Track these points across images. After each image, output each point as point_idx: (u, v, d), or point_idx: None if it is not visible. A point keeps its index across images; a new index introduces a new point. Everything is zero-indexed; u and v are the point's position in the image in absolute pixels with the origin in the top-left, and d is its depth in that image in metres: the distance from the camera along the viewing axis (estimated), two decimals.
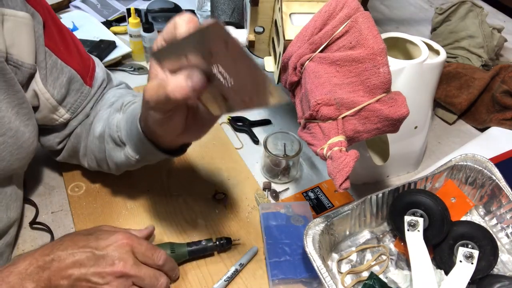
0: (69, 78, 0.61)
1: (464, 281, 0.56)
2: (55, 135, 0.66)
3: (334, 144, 0.53)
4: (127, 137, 0.58)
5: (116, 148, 0.60)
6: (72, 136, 0.67)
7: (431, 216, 0.61)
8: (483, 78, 0.89)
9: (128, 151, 0.58)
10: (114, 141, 0.60)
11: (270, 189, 0.75)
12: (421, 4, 1.33)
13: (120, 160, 0.61)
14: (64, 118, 0.64)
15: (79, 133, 0.66)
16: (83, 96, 0.64)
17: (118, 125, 0.59)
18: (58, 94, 0.61)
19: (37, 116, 0.61)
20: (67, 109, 0.63)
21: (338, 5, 0.56)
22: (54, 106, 0.61)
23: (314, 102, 0.54)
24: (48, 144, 0.67)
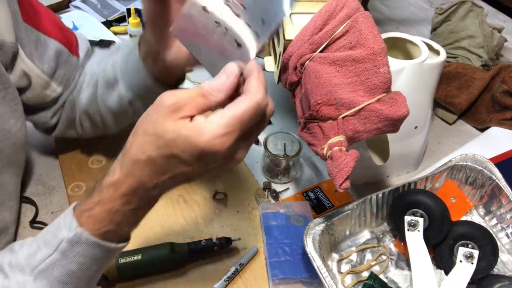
0: (56, 51, 0.61)
1: (464, 281, 0.56)
2: (47, 111, 0.65)
3: (334, 144, 0.53)
4: (122, 72, 0.57)
5: (108, 91, 0.60)
6: (66, 106, 0.66)
7: (431, 216, 0.61)
8: (483, 78, 0.89)
9: (121, 90, 0.58)
10: (106, 83, 0.59)
11: (270, 189, 0.75)
12: (421, 4, 1.33)
13: (113, 103, 0.60)
14: (57, 93, 0.63)
15: (71, 101, 0.65)
16: (72, 67, 0.64)
17: (114, 63, 0.59)
18: (48, 68, 0.60)
19: (28, 95, 0.61)
20: (58, 82, 0.62)
21: (338, 5, 0.56)
22: (46, 81, 0.60)
23: (314, 102, 0.54)
24: (41, 121, 0.66)
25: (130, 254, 0.60)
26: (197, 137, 0.35)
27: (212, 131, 0.35)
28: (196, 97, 0.37)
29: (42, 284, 0.40)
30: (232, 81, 0.37)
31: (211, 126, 0.35)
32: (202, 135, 0.35)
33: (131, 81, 0.57)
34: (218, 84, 0.37)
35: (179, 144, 0.36)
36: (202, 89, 0.37)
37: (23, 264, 0.40)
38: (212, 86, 0.37)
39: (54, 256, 0.40)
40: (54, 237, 0.40)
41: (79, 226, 0.39)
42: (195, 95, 0.37)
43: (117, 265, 0.59)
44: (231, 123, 0.35)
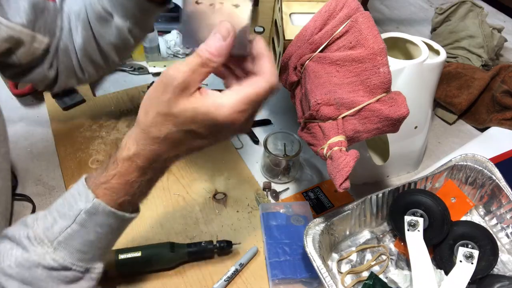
0: (30, 2, 0.59)
1: (464, 281, 0.56)
2: (42, 64, 0.64)
3: (334, 144, 0.53)
4: (113, 3, 0.57)
5: (104, 26, 0.59)
6: (61, 54, 0.65)
7: (431, 216, 0.61)
8: (483, 78, 0.89)
9: (117, 21, 0.57)
10: (100, 18, 0.59)
11: (270, 189, 0.75)
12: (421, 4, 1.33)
13: (112, 37, 0.60)
14: (45, 44, 0.62)
15: (64, 47, 0.64)
16: (51, 13, 0.62)
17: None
18: (27, 21, 0.58)
19: (19, 55, 0.60)
20: (42, 32, 0.61)
21: (338, 5, 0.56)
22: (30, 35, 0.59)
23: (314, 102, 0.54)
24: (40, 77, 0.65)
25: (130, 250, 0.60)
26: (216, 111, 0.37)
27: (231, 107, 0.38)
28: (198, 69, 0.38)
29: (62, 254, 0.41)
30: (229, 43, 0.38)
31: (230, 101, 0.38)
32: (221, 109, 0.37)
33: (125, 10, 0.56)
34: (216, 49, 0.38)
35: (198, 120, 0.38)
36: (202, 57, 0.38)
37: (42, 237, 0.41)
38: (211, 51, 0.38)
39: (73, 227, 0.41)
40: (71, 209, 0.41)
41: (96, 198, 0.41)
42: (197, 66, 0.38)
43: (117, 260, 0.59)
44: (248, 101, 0.38)
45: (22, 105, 0.89)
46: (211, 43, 0.38)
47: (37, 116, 0.86)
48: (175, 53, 1.02)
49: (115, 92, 0.92)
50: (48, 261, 0.41)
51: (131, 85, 0.95)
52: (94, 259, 0.44)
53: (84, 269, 0.43)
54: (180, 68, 0.37)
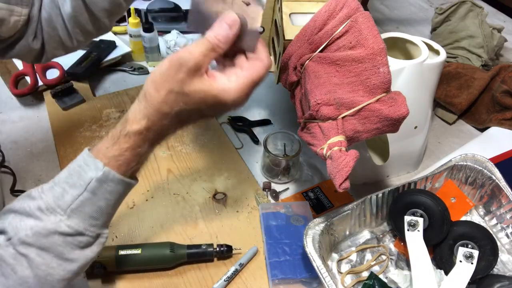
0: None
1: (464, 281, 0.56)
2: (25, 36, 0.63)
3: (334, 144, 0.53)
4: None
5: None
6: (44, 25, 0.64)
7: (431, 216, 0.61)
8: (483, 78, 0.89)
9: None
10: None
11: (270, 189, 0.75)
12: (421, 4, 1.33)
13: (106, 2, 0.60)
14: (24, 15, 0.61)
15: (47, 17, 0.64)
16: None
17: None
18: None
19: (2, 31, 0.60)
20: (20, 4, 0.60)
21: (338, 5, 0.56)
22: (8, 8, 0.59)
23: (314, 102, 0.54)
24: (26, 49, 0.64)
25: (130, 247, 0.61)
26: (225, 94, 0.43)
27: (237, 90, 0.44)
28: (208, 53, 0.42)
29: (75, 221, 0.43)
30: (235, 32, 0.44)
31: (236, 85, 0.44)
32: (229, 92, 0.43)
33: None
34: (224, 36, 0.43)
35: (208, 101, 0.43)
36: (211, 42, 0.43)
37: (53, 206, 0.43)
38: (219, 38, 0.43)
39: (84, 195, 0.43)
40: (80, 178, 0.44)
41: (106, 166, 0.44)
42: (207, 50, 0.42)
43: (117, 256, 0.59)
44: (250, 84, 0.44)
45: (22, 105, 0.89)
46: (219, 30, 0.43)
47: (37, 116, 0.86)
48: None
49: (115, 92, 0.92)
50: (63, 228, 0.43)
51: (131, 85, 0.95)
52: (104, 225, 0.47)
53: (96, 234, 0.46)
54: (193, 50, 0.42)
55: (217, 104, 0.44)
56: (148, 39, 0.97)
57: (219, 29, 0.43)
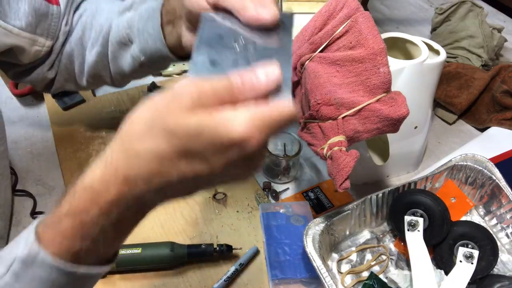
0: (31, 4, 0.58)
1: (464, 281, 0.56)
2: (43, 65, 0.64)
3: (334, 144, 0.53)
4: (139, 34, 0.56)
5: (121, 50, 0.59)
6: (64, 57, 0.64)
7: (431, 216, 0.61)
8: (483, 78, 0.89)
9: (135, 50, 0.57)
10: (120, 42, 0.58)
11: (270, 189, 0.75)
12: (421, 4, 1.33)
13: (125, 63, 0.60)
14: (47, 46, 0.61)
15: (70, 52, 0.64)
16: (54, 17, 0.61)
17: (130, 23, 0.57)
18: (27, 24, 0.58)
19: (22, 57, 0.60)
20: (45, 36, 0.61)
21: (338, 5, 0.56)
22: (30, 37, 0.59)
23: (314, 102, 0.54)
24: (40, 77, 0.65)
25: (130, 247, 0.61)
26: (228, 126, 0.28)
27: (248, 124, 0.28)
28: (222, 91, 0.30)
29: None
30: (270, 85, 0.30)
31: (247, 119, 0.29)
32: (234, 123, 0.28)
33: (146, 46, 0.56)
34: (254, 82, 0.30)
35: (203, 139, 0.29)
36: (232, 83, 0.30)
37: None
38: (246, 81, 0.30)
39: (6, 278, 0.33)
40: (10, 252, 0.33)
41: (36, 241, 0.32)
42: (222, 88, 0.30)
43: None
44: (268, 121, 0.29)
45: (22, 105, 0.89)
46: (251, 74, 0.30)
47: (37, 116, 0.86)
48: None
49: (115, 92, 0.92)
50: None
51: (131, 85, 0.94)
52: None
53: None
54: (200, 82, 0.30)
55: (218, 142, 0.29)
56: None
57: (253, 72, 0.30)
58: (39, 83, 0.68)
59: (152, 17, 0.55)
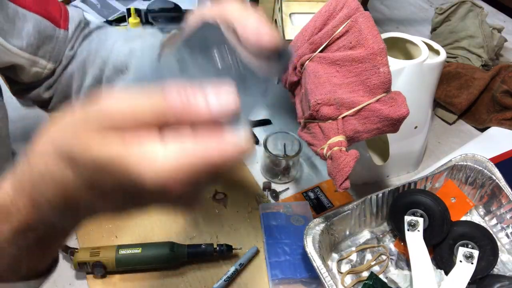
0: (36, 25, 0.57)
1: (464, 281, 0.56)
2: (39, 87, 0.63)
3: (334, 144, 0.53)
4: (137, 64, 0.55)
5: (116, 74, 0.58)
6: (63, 79, 0.63)
7: (431, 216, 0.61)
8: (483, 78, 0.89)
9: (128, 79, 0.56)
10: (116, 66, 0.57)
11: (270, 189, 0.75)
12: (421, 4, 1.33)
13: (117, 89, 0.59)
14: (48, 69, 0.61)
15: (70, 74, 0.62)
16: (60, 41, 0.60)
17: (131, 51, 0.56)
18: (28, 45, 0.57)
19: (22, 76, 0.59)
20: (47, 58, 0.60)
21: (338, 5, 0.56)
22: (30, 58, 0.58)
23: (314, 102, 0.54)
24: (34, 96, 0.64)
25: (130, 246, 0.61)
26: (141, 165, 0.23)
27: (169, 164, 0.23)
28: (150, 110, 0.24)
29: None
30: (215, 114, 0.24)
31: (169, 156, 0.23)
32: (150, 162, 0.23)
33: (141, 77, 0.56)
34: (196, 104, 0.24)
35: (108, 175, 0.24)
36: (167, 100, 0.24)
37: None
38: (185, 102, 0.24)
39: None
40: None
41: None
42: (151, 106, 0.24)
43: (116, 255, 0.60)
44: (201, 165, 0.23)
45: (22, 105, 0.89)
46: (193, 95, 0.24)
47: (37, 116, 0.86)
48: None
49: None
50: None
51: None
52: None
53: None
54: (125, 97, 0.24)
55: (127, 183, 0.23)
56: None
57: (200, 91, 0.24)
58: (37, 102, 0.67)
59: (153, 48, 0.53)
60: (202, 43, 0.32)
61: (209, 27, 0.33)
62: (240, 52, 0.32)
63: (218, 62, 0.31)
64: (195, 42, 0.32)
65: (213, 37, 0.32)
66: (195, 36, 0.32)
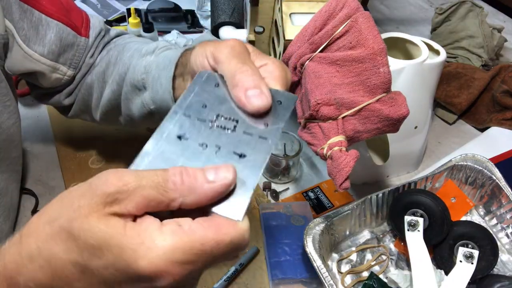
0: (58, 33, 0.58)
1: (464, 281, 0.56)
2: (60, 93, 0.64)
3: (334, 144, 0.53)
4: (153, 82, 0.54)
5: (133, 93, 0.58)
6: (83, 88, 0.64)
7: (431, 216, 0.61)
8: (483, 78, 0.89)
9: (146, 98, 0.55)
10: (134, 85, 0.57)
11: (270, 189, 0.75)
12: (421, 4, 1.33)
13: (135, 107, 0.58)
14: (68, 76, 0.61)
15: (90, 83, 0.63)
16: (80, 48, 0.61)
17: (146, 68, 0.55)
18: (49, 52, 0.58)
19: (43, 81, 0.60)
20: (67, 65, 0.60)
21: (338, 5, 0.56)
22: (51, 65, 0.58)
23: (314, 102, 0.54)
24: (54, 101, 0.65)
25: None
26: (137, 251, 0.23)
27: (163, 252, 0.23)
28: (149, 190, 0.25)
29: None
30: (218, 190, 0.26)
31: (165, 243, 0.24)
32: (148, 252, 0.23)
33: (157, 96, 0.54)
34: (194, 181, 0.25)
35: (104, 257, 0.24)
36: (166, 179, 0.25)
37: None
38: (184, 180, 0.25)
39: None
40: None
41: None
42: (150, 186, 0.25)
43: None
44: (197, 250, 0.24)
45: (22, 105, 0.89)
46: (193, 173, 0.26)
47: (37, 116, 0.86)
48: None
49: None
50: None
51: None
52: None
53: None
54: (125, 173, 0.25)
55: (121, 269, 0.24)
56: (148, 39, 0.97)
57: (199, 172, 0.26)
58: (58, 108, 0.69)
59: (167, 68, 0.52)
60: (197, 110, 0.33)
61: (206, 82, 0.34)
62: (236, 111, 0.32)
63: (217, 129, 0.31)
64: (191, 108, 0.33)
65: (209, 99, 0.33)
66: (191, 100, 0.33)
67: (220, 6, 0.90)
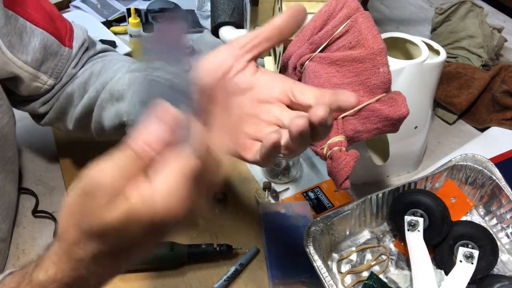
0: (42, 41, 0.58)
1: (464, 281, 0.56)
2: (36, 101, 0.63)
3: (334, 144, 0.53)
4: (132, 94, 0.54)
5: (110, 101, 0.57)
6: (62, 97, 0.63)
7: (431, 216, 0.61)
8: (483, 78, 0.89)
9: (121, 108, 0.55)
10: (112, 93, 0.57)
11: (270, 189, 0.75)
12: (421, 4, 1.33)
13: (108, 115, 0.58)
14: (48, 85, 0.61)
15: (70, 93, 0.62)
16: (63, 58, 0.61)
17: (130, 81, 0.56)
18: (33, 60, 0.57)
19: (21, 89, 0.60)
20: (48, 74, 0.60)
21: (338, 5, 0.56)
22: (33, 73, 0.58)
23: None
24: (29, 108, 0.65)
25: None
26: (150, 207, 0.28)
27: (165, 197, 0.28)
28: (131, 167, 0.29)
29: None
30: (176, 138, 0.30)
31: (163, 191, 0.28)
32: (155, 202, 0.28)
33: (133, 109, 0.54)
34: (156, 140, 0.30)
35: (132, 227, 0.29)
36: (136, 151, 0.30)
37: None
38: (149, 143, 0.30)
39: None
40: None
41: None
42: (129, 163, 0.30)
43: None
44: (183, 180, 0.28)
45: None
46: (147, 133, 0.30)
47: None
48: None
49: None
50: None
51: None
52: None
53: None
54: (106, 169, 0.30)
55: (149, 227, 0.29)
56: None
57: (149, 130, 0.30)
58: (31, 115, 0.68)
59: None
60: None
61: None
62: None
63: None
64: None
65: None
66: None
67: (220, 6, 0.90)
